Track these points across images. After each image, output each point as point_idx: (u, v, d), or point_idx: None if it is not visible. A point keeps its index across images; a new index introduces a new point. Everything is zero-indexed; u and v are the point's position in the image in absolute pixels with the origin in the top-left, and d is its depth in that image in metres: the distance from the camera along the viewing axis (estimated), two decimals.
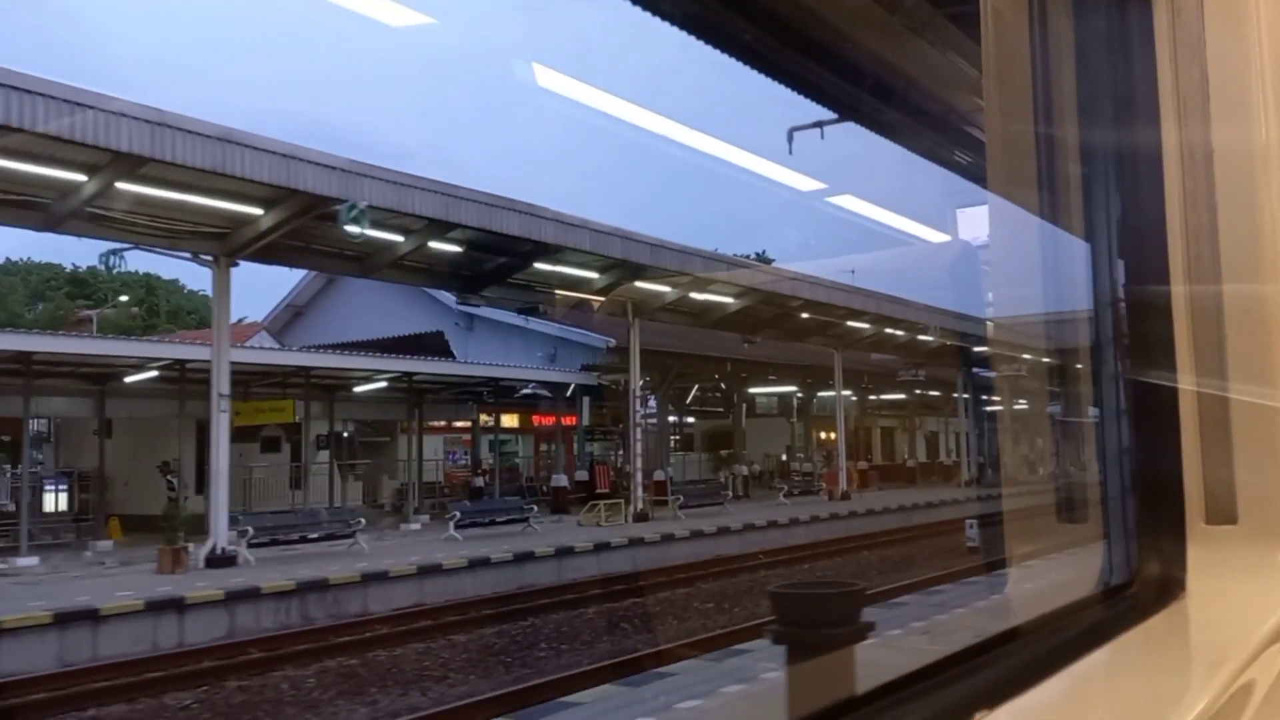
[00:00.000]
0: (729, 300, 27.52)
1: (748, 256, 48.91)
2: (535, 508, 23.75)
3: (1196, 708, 1.23)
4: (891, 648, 9.19)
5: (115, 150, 13.73)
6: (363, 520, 19.80)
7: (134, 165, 14.36)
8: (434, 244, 19.60)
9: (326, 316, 39.52)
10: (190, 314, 63.01)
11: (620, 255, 21.76)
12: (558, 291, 24.24)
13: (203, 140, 14.31)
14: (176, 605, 14.12)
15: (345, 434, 36.21)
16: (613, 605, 17.01)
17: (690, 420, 51.57)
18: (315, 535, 18.78)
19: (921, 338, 36.07)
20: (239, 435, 31.40)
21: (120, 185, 14.95)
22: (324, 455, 33.83)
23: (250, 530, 17.71)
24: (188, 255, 17.52)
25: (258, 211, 16.88)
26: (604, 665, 11.42)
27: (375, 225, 18.13)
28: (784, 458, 49.18)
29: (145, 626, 13.69)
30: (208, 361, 24.88)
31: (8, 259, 57.02)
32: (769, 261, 53.64)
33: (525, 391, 36.32)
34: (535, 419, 40.00)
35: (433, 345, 36.02)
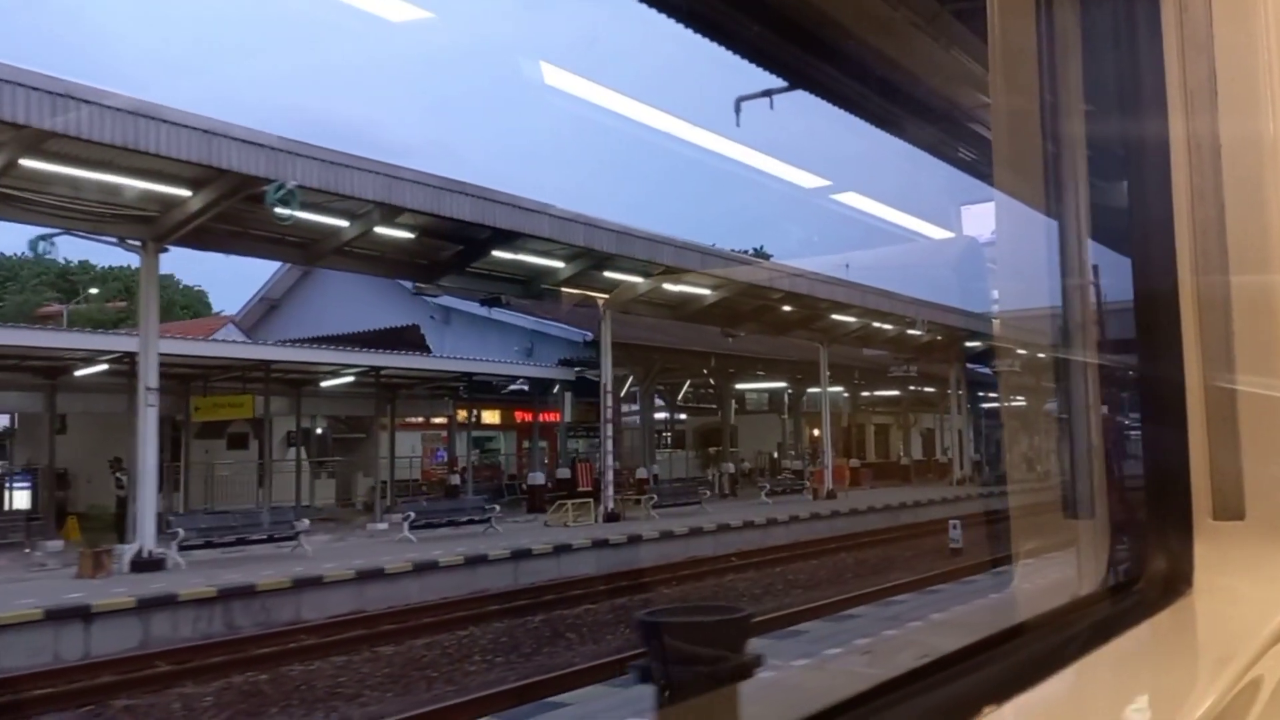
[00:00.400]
0: (706, 292, 26.46)
1: (745, 252, 47.98)
2: (498, 507, 22.72)
3: (1204, 704, 1.21)
4: (822, 671, 8.18)
5: (12, 123, 12.70)
6: (307, 521, 18.79)
7: (37, 140, 13.34)
8: (382, 229, 18.54)
9: (302, 310, 38.54)
10: (184, 309, 62.41)
11: (583, 243, 20.71)
12: (521, 282, 23.19)
13: (112, 114, 13.29)
14: (82, 614, 13.12)
15: (319, 430, 35.30)
16: (564, 612, 16.01)
17: (682, 417, 50.66)
18: (255, 537, 17.75)
19: (912, 332, 35.03)
20: (205, 432, 30.57)
21: (25, 162, 13.94)
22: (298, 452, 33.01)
23: (181, 532, 16.70)
24: (114, 240, 16.53)
25: (185, 193, 15.87)
26: (515, 686, 10.40)
27: (316, 209, 17.17)
28: (775, 455, 48.23)
29: (44, 637, 12.67)
30: (167, 355, 24.20)
31: (0, 254, 56.67)
32: (767, 257, 52.85)
33: (514, 388, 35.45)
34: (518, 415, 39.15)
35: (409, 339, 35.10)
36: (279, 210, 14.97)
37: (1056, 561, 1.98)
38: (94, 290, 42.41)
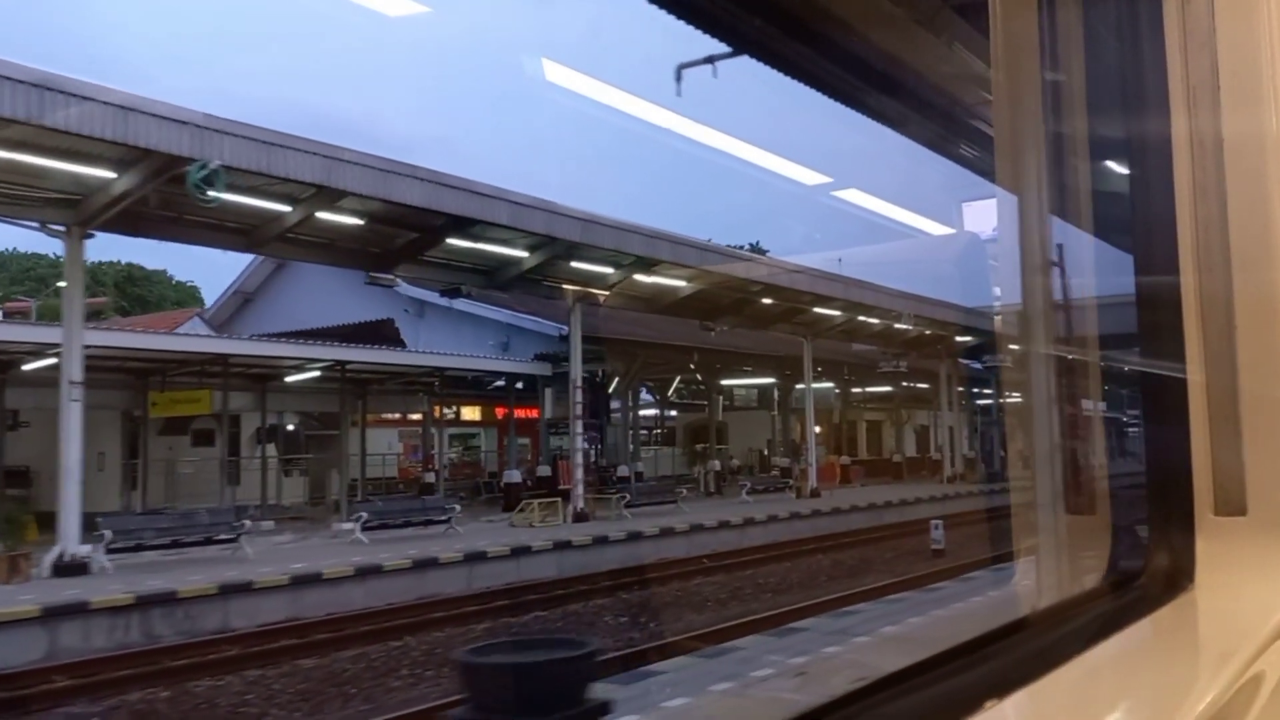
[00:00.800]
0: (681, 284, 25.50)
1: (742, 248, 47.02)
2: (458, 507, 21.79)
3: (1205, 699, 1.22)
4: (742, 699, 7.25)
5: None
6: (246, 523, 17.85)
7: None
8: (327, 215, 17.57)
9: (276, 303, 37.64)
10: (176, 304, 61.66)
11: (544, 230, 19.76)
12: (483, 272, 22.24)
13: (12, 86, 12.36)
14: None
15: (290, 427, 34.43)
16: (510, 620, 15.14)
17: (673, 413, 49.83)
18: (191, 539, 16.83)
19: (903, 327, 34.11)
20: (170, 428, 29.69)
21: None
22: (268, 449, 32.24)
23: (108, 534, 15.78)
24: (35, 225, 15.61)
25: (109, 175, 14.95)
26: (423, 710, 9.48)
27: (254, 192, 16.26)
28: (765, 452, 47.36)
29: None
30: (118, 349, 23.31)
31: None
32: (763, 252, 51.99)
33: (497, 384, 34.59)
34: (499, 411, 38.35)
35: (387, 334, 34.20)
36: (205, 192, 14.03)
37: (1058, 557, 1.89)
38: (63, 284, 41.41)
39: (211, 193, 13.99)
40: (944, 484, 38.76)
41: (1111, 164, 1.92)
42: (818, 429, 42.84)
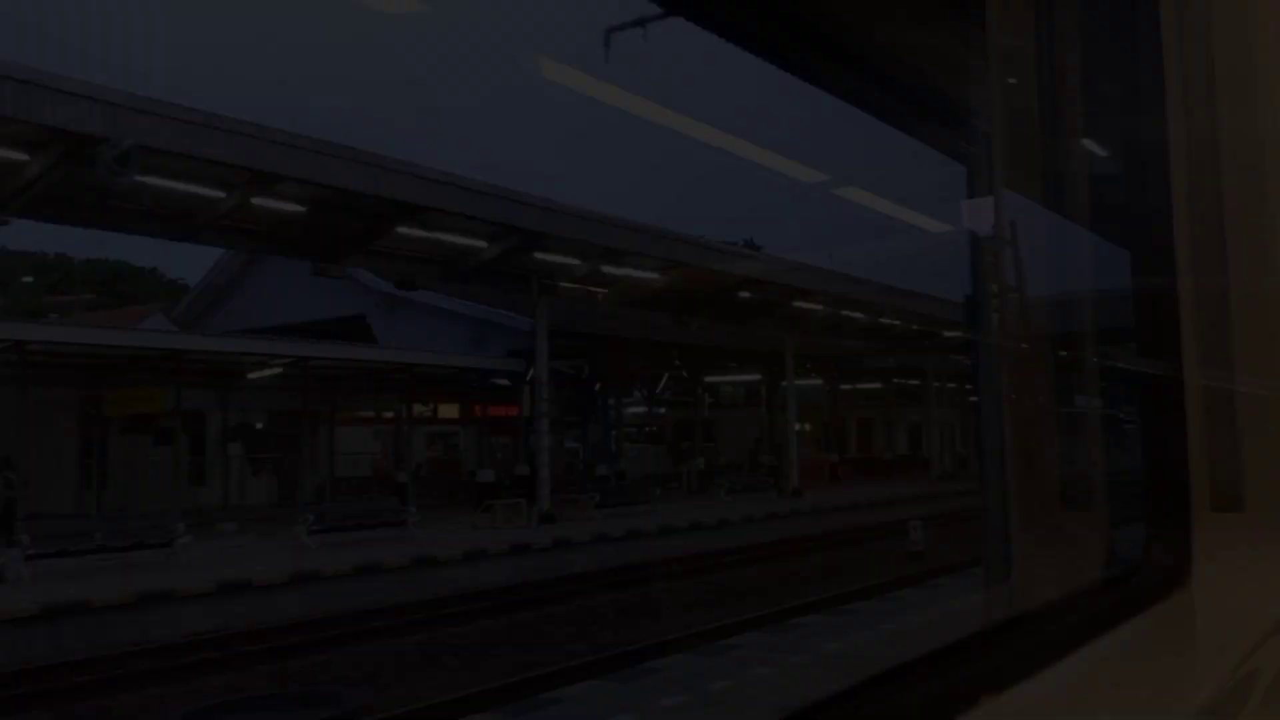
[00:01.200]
0: (653, 275, 24.55)
1: (735, 244, 46.06)
2: (414, 509, 20.87)
3: (1202, 693, 1.23)
4: None
5: None
6: (182, 526, 16.92)
7: None
8: (264, 201, 16.63)
9: (249, 299, 36.65)
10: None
11: (501, 219, 18.83)
12: (439, 263, 21.30)
13: None
14: None
15: (258, 425, 33.55)
16: (454, 630, 14.17)
17: (662, 411, 49.00)
18: (119, 544, 15.91)
19: (887, 321, 33.21)
20: (132, 426, 28.80)
21: None
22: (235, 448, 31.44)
23: (25, 540, 14.87)
24: None
25: (21, 156, 14.02)
26: None
27: (182, 176, 15.34)
28: (754, 450, 46.51)
29: None
30: (67, 344, 22.42)
31: None
32: (757, 249, 51.05)
33: (479, 382, 33.77)
34: (477, 409, 37.54)
35: (359, 330, 33.30)
36: (119, 175, 13.11)
37: (1059, 552, 1.84)
38: (28, 279, 40.57)
39: (125, 174, 13.05)
40: (933, 482, 37.90)
41: (1108, 161, 1.90)
42: (806, 426, 41.98)
